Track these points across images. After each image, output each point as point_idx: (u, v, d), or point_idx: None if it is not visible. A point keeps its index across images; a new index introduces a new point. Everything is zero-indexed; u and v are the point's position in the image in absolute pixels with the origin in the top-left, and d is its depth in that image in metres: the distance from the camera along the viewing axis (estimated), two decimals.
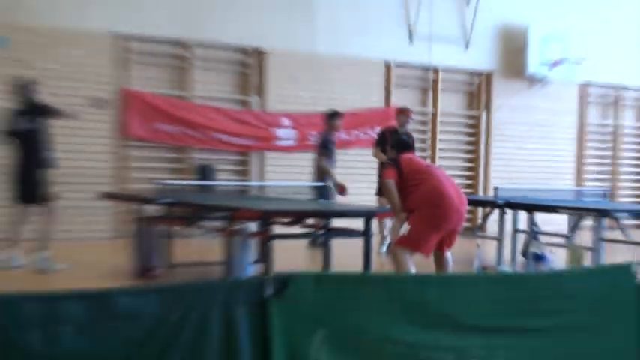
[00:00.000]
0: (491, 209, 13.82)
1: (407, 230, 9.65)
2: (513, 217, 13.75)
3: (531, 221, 12.92)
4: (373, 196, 15.05)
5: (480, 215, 17.52)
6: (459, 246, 10.38)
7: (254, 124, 17.30)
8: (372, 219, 10.39)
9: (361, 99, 18.50)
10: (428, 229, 9.51)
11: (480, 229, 14.99)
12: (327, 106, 17.80)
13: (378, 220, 14.32)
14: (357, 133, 18.07)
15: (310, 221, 10.68)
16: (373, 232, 9.96)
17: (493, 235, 13.73)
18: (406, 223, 9.76)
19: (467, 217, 10.96)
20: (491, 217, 14.28)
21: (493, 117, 20.46)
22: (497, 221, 13.27)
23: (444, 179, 9.81)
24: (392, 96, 18.93)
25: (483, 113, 20.39)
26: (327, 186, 14.64)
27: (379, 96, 18.86)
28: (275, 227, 9.97)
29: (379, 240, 14.34)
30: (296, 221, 10.10)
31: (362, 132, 18.07)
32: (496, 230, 13.29)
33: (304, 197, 12.89)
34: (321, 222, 11.59)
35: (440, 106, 19.79)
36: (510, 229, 13.67)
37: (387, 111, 18.21)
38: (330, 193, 14.67)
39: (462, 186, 10.87)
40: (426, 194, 9.56)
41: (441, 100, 19.79)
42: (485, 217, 14.66)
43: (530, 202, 12.94)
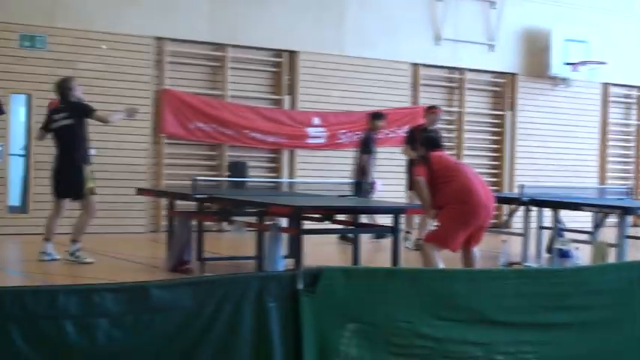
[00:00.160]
0: (516, 206, 13.90)
1: (436, 227, 9.83)
2: (538, 214, 13.92)
3: (556, 218, 12.97)
4: (402, 192, 15.38)
5: (506, 212, 17.63)
6: (485, 242, 10.44)
7: (286, 122, 17.66)
8: (401, 215, 10.65)
9: (389, 99, 18.79)
10: (456, 225, 9.62)
11: (506, 226, 15.00)
12: (355, 106, 18.21)
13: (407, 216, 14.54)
14: (386, 132, 18.38)
15: (341, 217, 10.86)
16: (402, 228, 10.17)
17: (518, 231, 13.87)
18: (435, 220, 9.95)
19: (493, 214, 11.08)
20: (516, 214, 14.36)
21: (517, 116, 20.74)
22: (523, 218, 13.49)
23: (473, 176, 9.92)
24: (419, 96, 19.26)
25: (508, 113, 20.64)
26: (365, 183, 15.00)
27: (406, 96, 19.18)
28: (306, 223, 10.15)
29: (402, 235, 14.53)
30: (326, 217, 10.42)
31: (390, 131, 18.35)
32: (521, 227, 13.46)
33: (334, 194, 13.06)
34: (352, 218, 11.84)
35: (466, 106, 20.06)
36: (535, 225, 13.87)
37: (415, 110, 18.54)
38: (367, 189, 15.05)
39: (487, 183, 11.06)
40: (455, 191, 9.66)
41: (466, 100, 20.05)
42: (511, 214, 14.72)
43: (555, 200, 13.09)
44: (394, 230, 10.00)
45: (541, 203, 13.20)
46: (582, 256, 12.08)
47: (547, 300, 5.53)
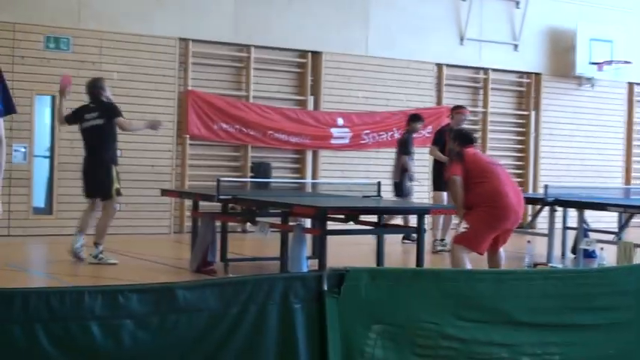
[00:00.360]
0: (541, 206, 13.89)
1: (465, 229, 9.72)
2: (563, 215, 13.90)
3: (581, 218, 12.90)
4: (426, 193, 15.39)
5: (530, 212, 17.61)
6: (510, 243, 10.41)
7: (309, 123, 17.67)
8: (425, 216, 10.63)
9: (413, 99, 18.78)
10: (485, 228, 9.57)
11: (530, 227, 14.96)
12: (379, 106, 18.22)
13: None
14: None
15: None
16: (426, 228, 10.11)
17: (543, 232, 13.83)
18: (463, 220, 9.86)
19: None
20: (540, 215, 14.30)
21: (542, 116, 20.68)
22: (547, 218, 13.46)
23: (505, 179, 9.86)
24: (443, 96, 19.24)
25: (533, 113, 20.59)
26: (405, 183, 15.04)
27: (430, 96, 19.17)
28: (330, 223, 10.06)
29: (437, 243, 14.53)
30: (350, 218, 10.38)
31: None
32: (546, 227, 13.44)
33: (358, 194, 13.06)
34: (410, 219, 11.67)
35: (490, 106, 20.02)
36: (560, 226, 13.82)
37: (439, 110, 18.52)
38: (408, 189, 15.08)
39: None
40: (487, 193, 9.57)
41: (491, 100, 20.01)
42: (536, 215, 14.66)
43: (581, 200, 13.04)
44: (419, 231, 10.00)
45: (566, 203, 13.16)
46: (607, 256, 12.03)
47: (573, 301, 5.51)
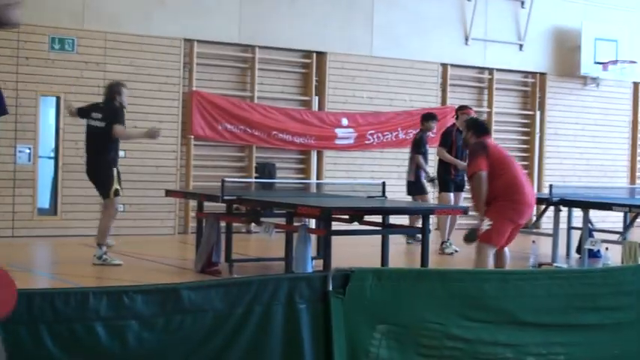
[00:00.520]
0: (546, 206, 13.89)
1: (489, 225, 9.40)
2: (568, 214, 13.88)
3: (586, 218, 12.89)
4: (432, 193, 15.40)
5: (535, 212, 17.58)
6: (514, 243, 10.34)
7: (314, 123, 17.64)
8: (430, 216, 10.61)
9: (417, 99, 18.77)
10: (506, 222, 9.42)
11: (535, 226, 14.93)
12: (384, 106, 18.21)
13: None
14: (414, 132, 18.28)
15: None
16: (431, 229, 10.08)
17: (548, 232, 13.82)
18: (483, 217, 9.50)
19: None
20: (545, 215, 14.27)
21: (547, 116, 20.65)
22: (552, 218, 13.45)
23: (521, 173, 9.75)
24: (448, 96, 19.22)
25: (537, 112, 20.56)
26: (421, 182, 15.06)
27: (435, 96, 19.15)
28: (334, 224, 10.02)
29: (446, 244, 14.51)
30: (354, 218, 10.35)
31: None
32: (551, 227, 13.47)
33: (363, 194, 13.07)
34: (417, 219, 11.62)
35: (495, 106, 20.00)
36: (565, 226, 13.80)
37: (444, 111, 18.49)
38: (423, 188, 15.09)
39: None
40: (505, 186, 9.40)
41: (496, 100, 19.98)
42: (541, 215, 14.59)
43: (585, 200, 13.06)
44: (423, 231, 9.99)
45: (571, 203, 13.16)
46: (612, 256, 12.01)
47: (578, 301, 5.54)
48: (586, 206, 12.85)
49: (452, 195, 14.38)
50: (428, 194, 15.16)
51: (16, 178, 14.71)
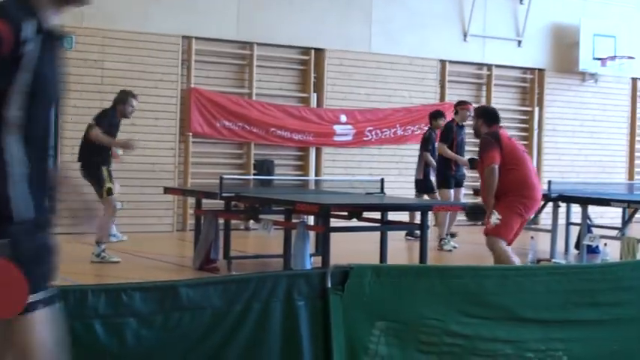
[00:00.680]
0: (544, 202, 13.85)
1: (499, 220, 9.26)
2: (567, 210, 13.88)
3: (585, 214, 12.91)
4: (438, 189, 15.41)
5: None
6: None
7: (312, 120, 17.63)
8: (429, 212, 10.60)
9: (416, 95, 18.77)
10: (516, 217, 9.29)
11: (534, 222, 14.91)
12: (382, 103, 18.20)
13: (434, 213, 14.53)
14: (412, 129, 18.38)
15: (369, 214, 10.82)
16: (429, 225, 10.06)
17: (546, 227, 13.81)
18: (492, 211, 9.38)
19: None
20: (544, 210, 14.18)
21: (545, 112, 20.65)
22: (551, 214, 13.45)
23: (532, 168, 9.60)
24: (446, 92, 19.21)
25: (536, 109, 20.55)
26: (430, 178, 15.09)
27: (434, 93, 19.14)
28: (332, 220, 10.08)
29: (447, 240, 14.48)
30: (353, 215, 10.33)
31: (417, 127, 18.33)
32: (549, 223, 13.48)
33: (361, 191, 13.05)
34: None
35: (493, 102, 19.93)
36: (563, 222, 13.79)
37: (442, 107, 18.46)
38: (432, 186, 15.08)
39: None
40: (516, 182, 9.24)
41: (494, 96, 19.96)
42: (539, 210, 14.63)
43: (584, 195, 13.05)
44: (422, 227, 9.98)
45: (569, 199, 13.16)
46: (611, 252, 12.01)
47: (577, 297, 5.53)
48: (584, 202, 12.85)
49: (452, 191, 14.40)
50: (436, 192, 15.10)
51: None
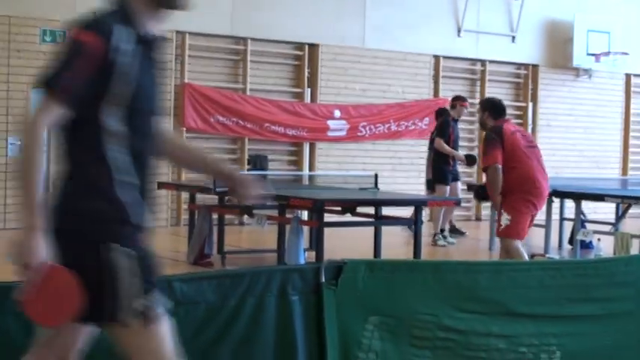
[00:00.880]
0: None
1: (509, 220, 9.24)
2: (560, 205, 13.89)
3: (578, 209, 12.90)
4: (422, 185, 15.40)
5: None
6: None
7: (306, 115, 17.61)
8: (422, 208, 10.61)
9: (410, 91, 18.77)
10: (524, 215, 9.25)
11: None
12: (376, 98, 18.19)
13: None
14: (406, 124, 18.39)
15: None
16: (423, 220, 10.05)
17: (540, 223, 13.82)
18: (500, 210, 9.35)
19: None
20: None
21: (539, 108, 20.65)
22: (545, 209, 13.46)
23: (537, 163, 9.40)
24: (440, 88, 19.20)
25: (530, 104, 20.55)
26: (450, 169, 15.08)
27: (427, 88, 19.14)
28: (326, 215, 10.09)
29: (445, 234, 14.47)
30: (347, 210, 10.33)
31: (411, 123, 18.35)
32: (543, 218, 13.49)
33: (355, 186, 13.04)
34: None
35: None
36: (557, 217, 13.80)
37: (436, 102, 18.48)
38: (451, 176, 15.11)
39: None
40: (520, 179, 9.17)
41: (488, 91, 19.90)
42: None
43: (578, 191, 13.08)
44: (415, 223, 9.99)
45: (563, 194, 13.17)
46: (604, 247, 12.02)
47: (571, 292, 5.54)
48: (578, 197, 12.86)
49: (448, 188, 14.41)
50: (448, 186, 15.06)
51: (8, 170, 14.66)
